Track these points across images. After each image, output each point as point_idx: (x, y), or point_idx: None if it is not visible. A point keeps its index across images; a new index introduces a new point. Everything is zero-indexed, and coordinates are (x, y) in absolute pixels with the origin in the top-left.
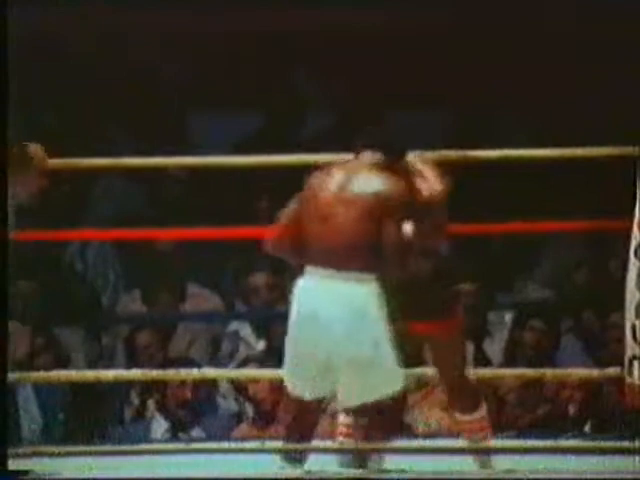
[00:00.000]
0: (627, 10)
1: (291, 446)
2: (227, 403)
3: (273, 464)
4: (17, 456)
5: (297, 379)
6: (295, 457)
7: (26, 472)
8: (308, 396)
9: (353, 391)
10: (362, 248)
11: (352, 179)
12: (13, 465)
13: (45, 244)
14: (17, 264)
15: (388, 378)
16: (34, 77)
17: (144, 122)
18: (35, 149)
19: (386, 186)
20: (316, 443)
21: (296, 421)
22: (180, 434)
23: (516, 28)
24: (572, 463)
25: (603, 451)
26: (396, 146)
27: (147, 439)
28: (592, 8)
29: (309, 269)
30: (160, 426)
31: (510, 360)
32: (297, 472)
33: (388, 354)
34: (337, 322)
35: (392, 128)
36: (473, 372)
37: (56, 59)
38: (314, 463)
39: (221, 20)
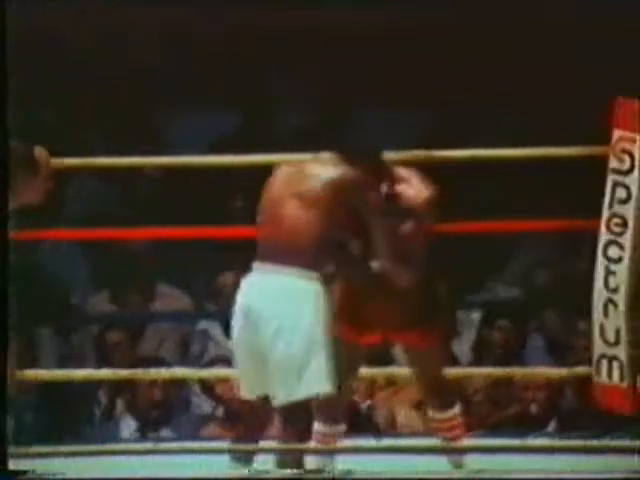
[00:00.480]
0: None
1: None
2: (197, 403)
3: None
4: (16, 456)
5: (241, 377)
6: (242, 457)
7: (25, 472)
8: (250, 395)
9: (280, 389)
10: (304, 244)
11: (300, 173)
12: (12, 465)
13: (15, 244)
14: None
15: (315, 379)
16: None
17: (118, 121)
18: (40, 152)
19: (335, 177)
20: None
21: (245, 421)
22: (149, 434)
23: (496, 28)
24: (541, 462)
25: (572, 450)
26: (362, 147)
27: (116, 439)
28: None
29: (255, 265)
30: (129, 426)
31: (478, 359)
32: (245, 472)
33: (319, 355)
34: (271, 318)
35: (367, 128)
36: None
37: (32, 57)
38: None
39: (198, 19)
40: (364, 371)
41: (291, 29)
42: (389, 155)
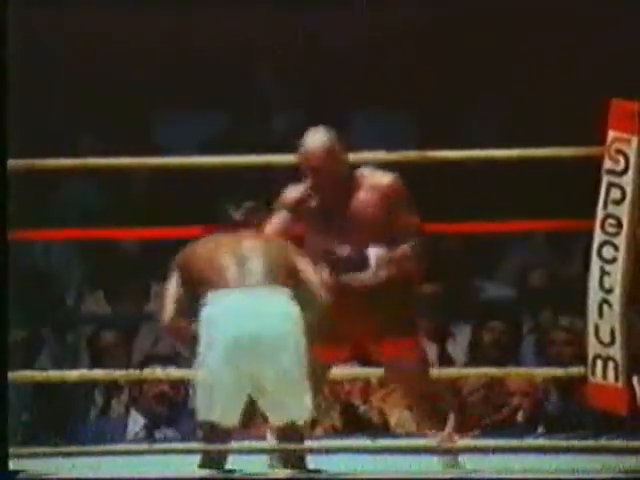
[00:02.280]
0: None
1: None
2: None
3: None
4: (16, 456)
5: (218, 404)
6: (214, 460)
7: (24, 472)
8: (231, 421)
9: (281, 410)
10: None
11: None
12: (13, 465)
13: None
14: None
15: (297, 406)
16: None
17: (108, 122)
18: None
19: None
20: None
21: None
22: (154, 433)
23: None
24: (536, 463)
25: (567, 450)
26: None
27: (114, 439)
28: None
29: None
30: (130, 425)
31: (473, 360)
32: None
33: (297, 381)
34: (261, 341)
35: (356, 129)
36: (437, 372)
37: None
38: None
39: (189, 20)
40: (359, 371)
41: (279, 33)
42: (382, 155)
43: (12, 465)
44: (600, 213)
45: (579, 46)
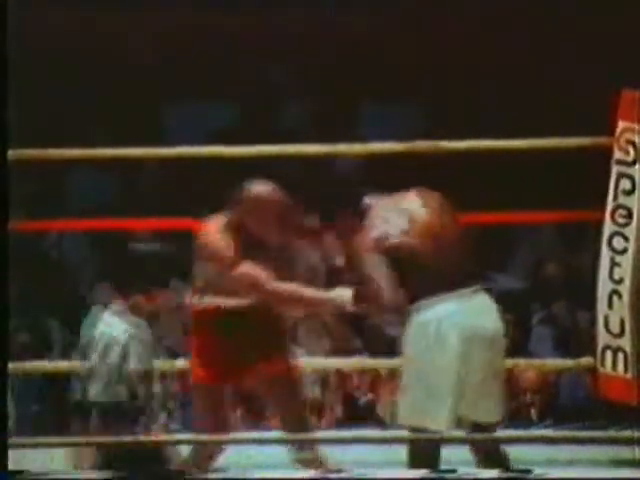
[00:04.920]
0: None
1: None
2: None
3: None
4: (16, 446)
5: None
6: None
7: (23, 472)
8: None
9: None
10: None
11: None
12: (12, 463)
13: (21, 235)
14: None
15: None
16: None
17: (119, 113)
18: None
19: None
20: None
21: None
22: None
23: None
24: (546, 453)
25: (576, 441)
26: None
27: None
28: None
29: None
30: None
31: None
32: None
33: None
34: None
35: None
36: None
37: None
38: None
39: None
40: (369, 362)
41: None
42: (394, 146)
43: (12, 465)
44: (610, 204)
45: (588, 36)
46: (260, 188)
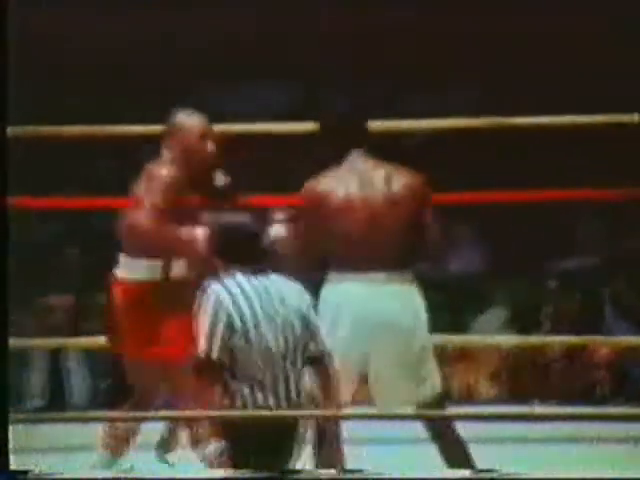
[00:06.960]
0: None
1: None
2: None
3: None
4: (20, 421)
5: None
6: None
7: (26, 472)
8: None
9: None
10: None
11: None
12: (15, 463)
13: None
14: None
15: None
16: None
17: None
18: None
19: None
20: None
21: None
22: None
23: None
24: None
25: None
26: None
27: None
28: None
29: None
30: None
31: (555, 328)
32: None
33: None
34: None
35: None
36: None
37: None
38: None
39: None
40: None
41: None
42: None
43: (14, 465)
44: None
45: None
46: (184, 117)
